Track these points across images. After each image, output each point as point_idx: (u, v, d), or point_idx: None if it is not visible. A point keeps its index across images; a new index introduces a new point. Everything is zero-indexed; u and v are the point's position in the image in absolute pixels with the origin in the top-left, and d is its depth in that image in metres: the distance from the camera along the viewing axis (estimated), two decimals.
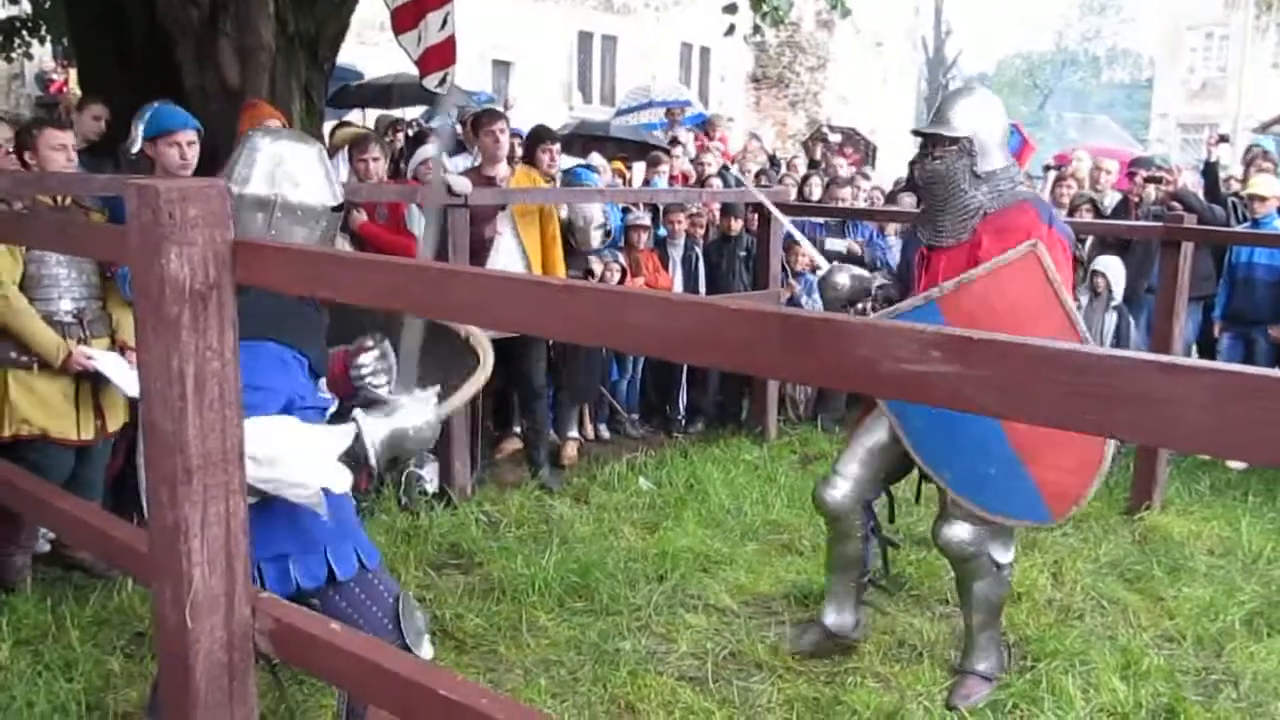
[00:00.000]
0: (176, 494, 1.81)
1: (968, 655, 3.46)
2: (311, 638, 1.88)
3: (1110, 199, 7.17)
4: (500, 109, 7.48)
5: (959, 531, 3.31)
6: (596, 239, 5.84)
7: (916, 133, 3.47)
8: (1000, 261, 3.09)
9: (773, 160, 9.15)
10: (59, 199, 3.97)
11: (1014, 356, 1.10)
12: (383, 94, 10.26)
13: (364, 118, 10.66)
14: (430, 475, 5.01)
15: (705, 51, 22.27)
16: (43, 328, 3.77)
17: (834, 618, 3.59)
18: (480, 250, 5.15)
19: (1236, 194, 6.90)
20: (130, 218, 1.82)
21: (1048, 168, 7.59)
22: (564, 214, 5.72)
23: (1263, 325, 6.38)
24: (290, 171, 2.44)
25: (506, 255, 5.27)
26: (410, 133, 8.20)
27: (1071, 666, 3.50)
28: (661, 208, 6.72)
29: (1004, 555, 3.39)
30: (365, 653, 1.82)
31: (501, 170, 5.39)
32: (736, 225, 6.58)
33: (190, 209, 1.78)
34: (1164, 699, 3.33)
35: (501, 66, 18.34)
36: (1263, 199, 6.37)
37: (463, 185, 4.89)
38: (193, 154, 4.27)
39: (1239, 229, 6.44)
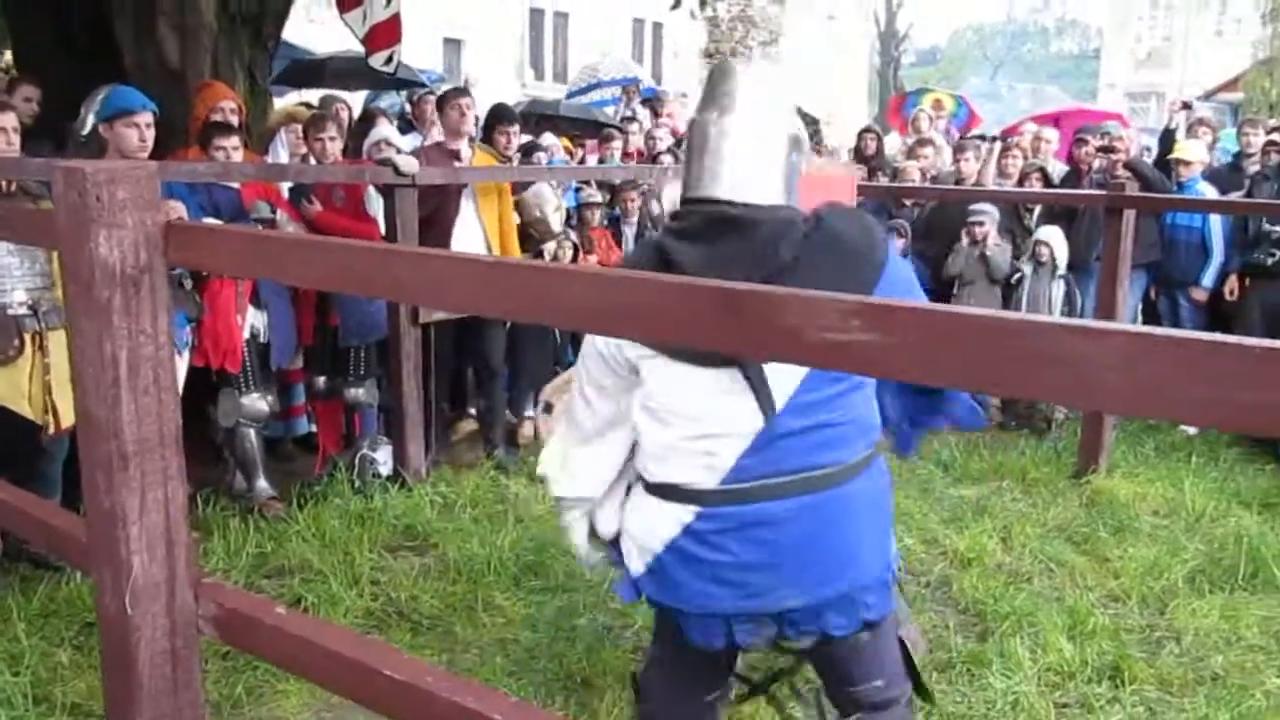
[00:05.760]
0: (113, 480, 1.80)
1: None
2: (256, 621, 1.88)
3: (1055, 167, 7.25)
4: (463, 86, 7.47)
5: None
6: (557, 222, 5.80)
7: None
8: None
9: None
10: (3, 185, 3.85)
11: (934, 324, 1.11)
12: (315, 72, 9.85)
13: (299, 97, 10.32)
14: (384, 458, 4.99)
15: (658, 27, 22.21)
16: None
17: None
18: (441, 227, 5.13)
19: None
20: (57, 200, 1.80)
21: (994, 139, 7.67)
22: (518, 215, 5.68)
23: (1186, 287, 6.52)
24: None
25: (468, 234, 5.25)
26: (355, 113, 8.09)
27: (1020, 628, 3.57)
28: (615, 185, 6.70)
29: None
30: (311, 635, 1.82)
31: (464, 146, 5.36)
32: None
33: (119, 191, 1.75)
34: (1109, 657, 3.41)
35: (453, 44, 18.17)
36: (1188, 163, 6.51)
37: (410, 165, 4.84)
38: (151, 135, 4.21)
39: (1178, 195, 6.55)
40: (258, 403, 4.60)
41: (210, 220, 4.29)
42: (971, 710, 3.12)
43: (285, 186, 5.10)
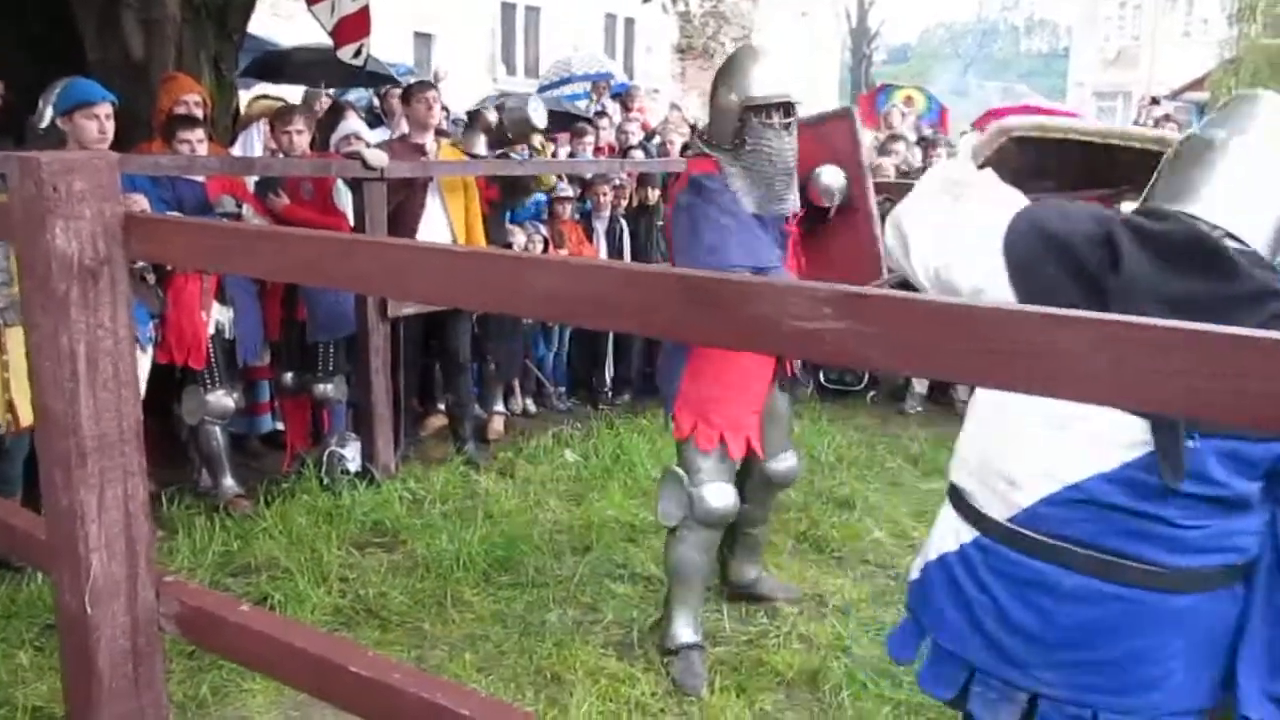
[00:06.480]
0: (71, 478, 1.76)
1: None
2: (220, 619, 1.84)
3: None
4: (430, 80, 7.41)
5: (793, 461, 3.63)
6: (539, 118, 5.84)
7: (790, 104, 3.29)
8: None
9: (694, 130, 9.13)
10: None
11: (905, 313, 1.10)
12: (282, 65, 9.65)
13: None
14: (352, 454, 4.94)
15: (630, 22, 22.15)
16: None
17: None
18: (406, 222, 5.09)
19: None
20: (12, 192, 1.75)
21: (963, 134, 7.69)
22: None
23: None
24: None
25: (435, 229, 5.20)
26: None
27: None
28: (586, 179, 6.67)
29: None
30: (276, 632, 1.79)
31: (430, 140, 5.32)
32: (654, 195, 6.56)
33: (76, 182, 1.71)
34: None
35: (423, 39, 18.03)
36: None
37: (379, 159, 4.80)
38: (111, 127, 4.15)
39: None
40: (223, 399, 4.54)
41: (173, 214, 4.23)
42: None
43: (252, 180, 5.04)
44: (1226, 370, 0.95)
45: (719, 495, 3.27)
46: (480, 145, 5.78)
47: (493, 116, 5.94)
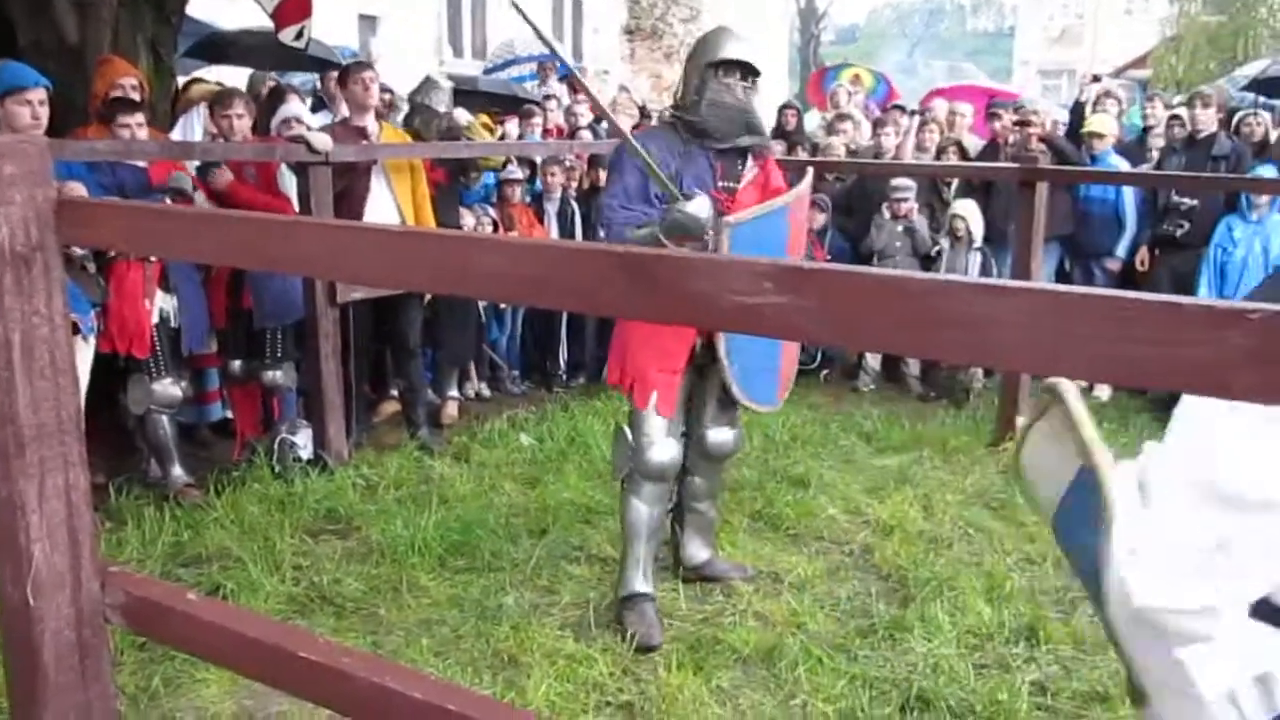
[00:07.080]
0: (10, 468, 1.73)
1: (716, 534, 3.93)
2: (167, 609, 1.83)
3: (971, 141, 7.36)
4: (367, 60, 7.33)
5: (729, 435, 3.68)
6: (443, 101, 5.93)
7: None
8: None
9: (643, 112, 9.11)
10: None
11: (843, 287, 1.11)
12: (225, 49, 9.42)
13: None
14: (304, 441, 4.89)
15: (578, 3, 21.99)
16: None
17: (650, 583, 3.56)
18: (351, 206, 5.03)
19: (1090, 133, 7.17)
20: None
21: (912, 113, 7.76)
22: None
23: (1100, 258, 6.68)
24: None
25: (382, 213, 5.15)
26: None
27: (940, 593, 3.64)
28: (537, 162, 6.63)
29: None
30: (223, 621, 1.78)
31: (371, 122, 5.25)
32: (604, 176, 6.53)
33: (6, 166, 1.68)
34: (1025, 618, 3.49)
35: (368, 21, 17.78)
36: (1100, 136, 6.66)
37: (323, 142, 4.74)
38: (44, 113, 4.06)
39: (1091, 168, 6.69)
40: (169, 388, 4.47)
41: (110, 198, 4.15)
42: (894, 673, 3.18)
43: (193, 166, 4.94)
44: (1159, 338, 0.97)
45: (659, 449, 3.47)
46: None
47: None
